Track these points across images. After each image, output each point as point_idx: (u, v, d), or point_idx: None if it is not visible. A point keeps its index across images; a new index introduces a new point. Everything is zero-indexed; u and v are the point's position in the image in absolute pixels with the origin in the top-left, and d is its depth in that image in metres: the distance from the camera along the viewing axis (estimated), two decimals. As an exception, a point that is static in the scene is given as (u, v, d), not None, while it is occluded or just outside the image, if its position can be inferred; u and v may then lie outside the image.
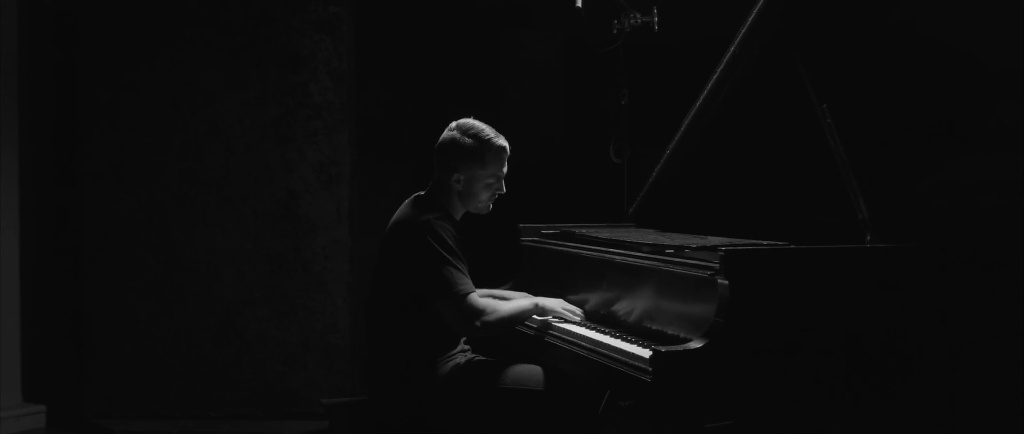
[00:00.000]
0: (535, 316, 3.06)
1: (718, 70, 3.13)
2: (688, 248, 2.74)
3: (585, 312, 3.10)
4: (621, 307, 2.99)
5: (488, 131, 3.00)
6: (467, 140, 2.97)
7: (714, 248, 2.53)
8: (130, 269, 4.77)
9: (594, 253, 3.16)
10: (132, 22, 4.72)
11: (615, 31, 4.16)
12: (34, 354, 5.00)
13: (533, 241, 3.63)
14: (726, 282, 2.40)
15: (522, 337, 3.11)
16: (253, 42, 4.70)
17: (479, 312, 2.83)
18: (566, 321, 3.02)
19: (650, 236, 3.19)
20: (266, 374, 4.75)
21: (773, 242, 2.72)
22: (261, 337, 4.75)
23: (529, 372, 2.92)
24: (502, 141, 3.01)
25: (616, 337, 2.74)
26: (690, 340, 2.45)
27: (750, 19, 2.98)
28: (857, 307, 2.53)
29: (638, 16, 4.11)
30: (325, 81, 4.71)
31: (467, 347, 3.07)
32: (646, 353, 2.45)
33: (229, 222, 4.75)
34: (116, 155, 4.75)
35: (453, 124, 3.03)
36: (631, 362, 2.50)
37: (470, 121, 3.03)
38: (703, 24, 4.68)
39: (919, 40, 3.19)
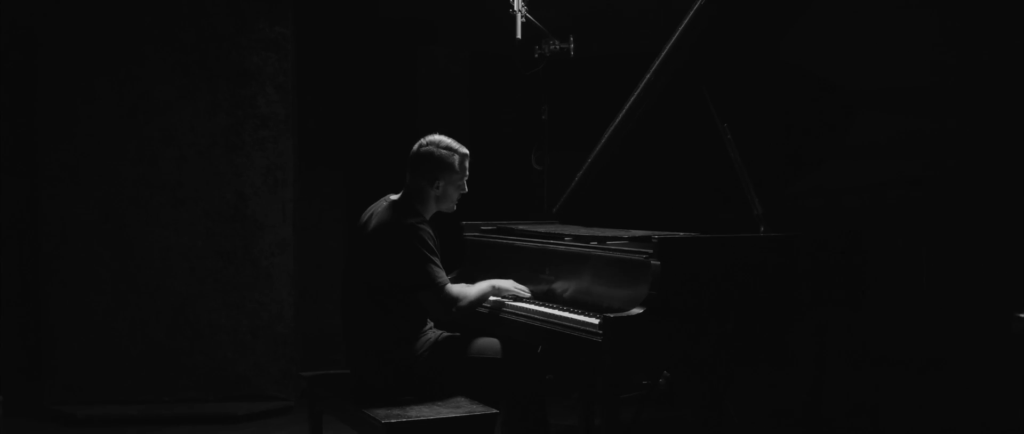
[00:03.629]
0: (491, 296, 3.66)
1: (635, 93, 3.78)
2: (621, 238, 3.40)
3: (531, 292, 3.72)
4: (561, 287, 3.61)
5: (454, 143, 3.58)
6: (443, 152, 3.52)
7: (647, 237, 3.19)
8: (88, 266, 5.15)
9: (536, 244, 3.78)
10: (90, 38, 5.11)
11: (537, 55, 4.81)
12: (-11, 347, 5.32)
13: (475, 236, 4.22)
14: (658, 263, 3.06)
15: (479, 316, 3.71)
16: (205, 58, 5.16)
17: (455, 299, 3.44)
18: (518, 299, 3.63)
19: (581, 230, 3.83)
20: (217, 360, 5.21)
21: (688, 233, 3.40)
22: (212, 327, 5.21)
23: (489, 344, 3.53)
24: (465, 149, 3.60)
25: (565, 309, 3.37)
26: (628, 309, 3.09)
27: (664, 52, 3.63)
28: (755, 281, 3.23)
29: (557, 42, 4.77)
30: (271, 94, 5.20)
31: (432, 325, 3.65)
32: (595, 320, 3.09)
33: (182, 222, 5.19)
34: (74, 160, 5.13)
35: (425, 140, 3.56)
36: (582, 328, 3.13)
37: (439, 136, 3.58)
38: (609, 42, 5.39)
39: (793, 69, 3.93)
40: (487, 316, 3.67)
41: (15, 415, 5.20)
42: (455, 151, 3.56)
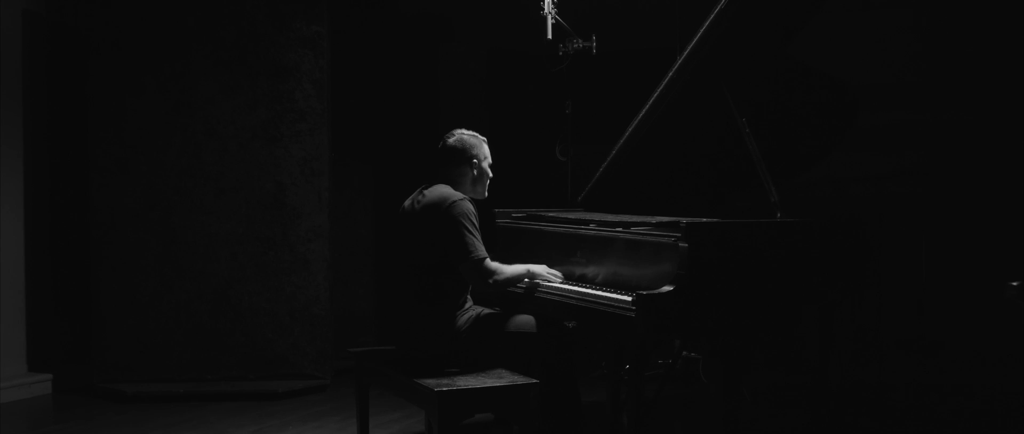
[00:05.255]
0: (525, 279, 3.97)
1: (658, 89, 4.08)
2: (648, 223, 3.70)
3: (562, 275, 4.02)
4: (591, 270, 3.91)
5: (475, 133, 3.99)
6: (468, 137, 3.94)
7: (675, 222, 3.49)
8: (135, 252, 5.45)
9: (567, 229, 4.08)
10: (137, 37, 5.42)
11: (561, 53, 5.11)
12: (38, 330, 5.62)
13: (508, 222, 4.52)
14: (686, 245, 3.36)
15: (513, 296, 4.02)
16: (245, 55, 5.46)
17: (492, 272, 3.75)
18: (550, 282, 3.93)
19: (608, 217, 4.13)
20: (257, 341, 5.52)
21: (709, 218, 3.70)
22: (252, 309, 5.51)
23: (525, 320, 3.84)
24: (483, 138, 4.01)
25: (598, 288, 3.68)
26: (658, 288, 3.40)
27: (685, 52, 3.93)
28: (772, 262, 3.53)
29: (580, 41, 5.07)
30: (308, 89, 5.50)
31: (472, 304, 3.95)
32: (628, 297, 3.40)
33: (224, 210, 5.49)
34: (122, 152, 5.43)
35: (453, 133, 3.95)
36: (617, 304, 3.43)
37: (461, 129, 3.98)
38: (627, 38, 5.69)
39: (802, 67, 4.22)
40: (523, 296, 3.97)
41: (65, 392, 5.53)
42: (477, 135, 3.99)
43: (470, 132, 3.99)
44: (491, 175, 4.01)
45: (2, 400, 5.32)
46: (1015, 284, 2.38)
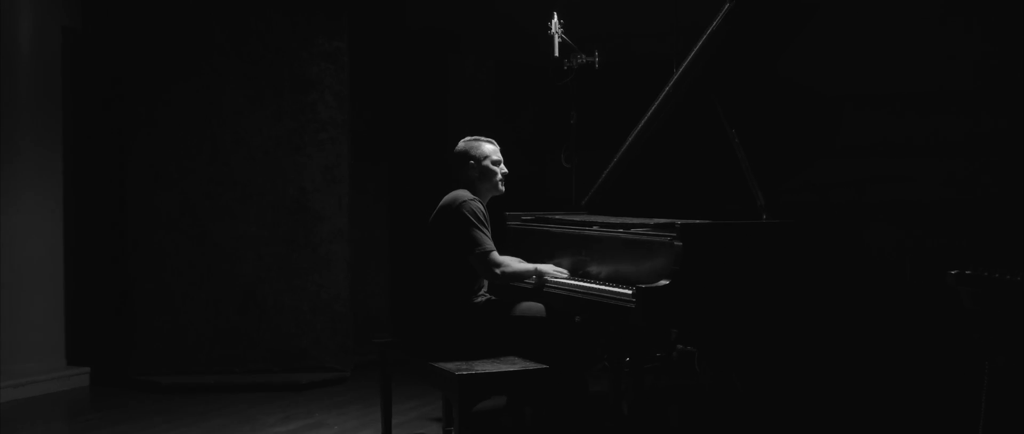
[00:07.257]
0: (533, 276, 4.34)
1: (656, 102, 4.46)
2: (647, 224, 4.08)
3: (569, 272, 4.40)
4: (595, 267, 4.29)
5: (477, 136, 4.38)
6: (468, 139, 4.33)
7: (671, 223, 3.87)
8: (167, 253, 5.84)
9: (573, 230, 4.46)
10: (168, 51, 5.81)
11: (566, 67, 5.48)
12: (76, 326, 6.00)
13: (517, 225, 4.90)
14: (681, 244, 3.75)
15: (524, 290, 4.39)
16: (271, 69, 5.85)
17: (499, 264, 4.13)
18: (557, 278, 4.31)
19: (610, 219, 4.50)
20: (281, 336, 5.90)
21: (702, 220, 4.08)
22: (277, 306, 5.89)
23: (533, 305, 4.23)
24: (489, 139, 4.38)
25: (602, 284, 4.06)
26: (655, 282, 3.78)
27: (681, 68, 4.31)
28: (758, 261, 3.91)
29: (583, 56, 5.45)
30: (330, 101, 5.89)
31: (484, 293, 4.33)
32: (629, 291, 3.78)
33: (250, 214, 5.87)
34: (155, 160, 5.81)
35: (458, 144, 4.33)
36: (618, 297, 3.81)
37: (466, 136, 4.37)
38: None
39: (788, 82, 4.60)
40: (532, 291, 4.35)
41: (103, 384, 5.91)
42: (478, 137, 4.36)
43: (472, 136, 4.36)
44: (501, 171, 4.36)
45: (43, 391, 5.70)
46: (954, 272, 2.74)
